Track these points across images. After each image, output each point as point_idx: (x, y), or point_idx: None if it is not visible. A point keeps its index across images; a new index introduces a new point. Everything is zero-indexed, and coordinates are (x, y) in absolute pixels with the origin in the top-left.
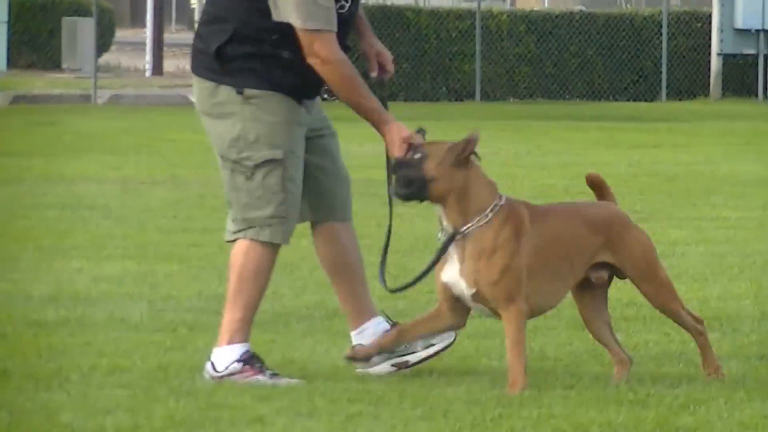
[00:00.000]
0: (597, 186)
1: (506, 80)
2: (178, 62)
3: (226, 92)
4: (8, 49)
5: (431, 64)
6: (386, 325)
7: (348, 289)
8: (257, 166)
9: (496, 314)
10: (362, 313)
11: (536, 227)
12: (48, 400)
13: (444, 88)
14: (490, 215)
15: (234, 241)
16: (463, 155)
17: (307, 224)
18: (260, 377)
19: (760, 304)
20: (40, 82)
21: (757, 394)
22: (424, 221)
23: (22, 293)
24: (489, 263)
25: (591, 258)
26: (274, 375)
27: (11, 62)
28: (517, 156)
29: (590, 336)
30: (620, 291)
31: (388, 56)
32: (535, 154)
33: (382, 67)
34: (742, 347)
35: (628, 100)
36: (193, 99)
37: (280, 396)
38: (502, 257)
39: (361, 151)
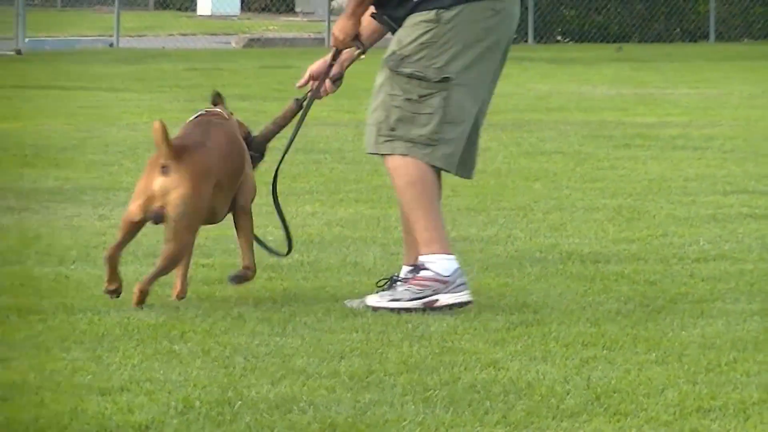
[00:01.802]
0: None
1: (741, 20)
2: None
3: None
4: None
5: (665, 5)
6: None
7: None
8: None
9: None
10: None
11: None
12: (282, 344)
13: (678, 29)
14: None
15: None
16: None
17: (540, 171)
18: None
19: None
20: (273, 25)
21: None
22: (658, 163)
23: None
24: None
25: None
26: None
27: (245, 5)
28: (752, 97)
29: None
30: None
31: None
32: None
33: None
34: None
35: None
36: None
37: (514, 340)
38: None
39: (595, 92)
